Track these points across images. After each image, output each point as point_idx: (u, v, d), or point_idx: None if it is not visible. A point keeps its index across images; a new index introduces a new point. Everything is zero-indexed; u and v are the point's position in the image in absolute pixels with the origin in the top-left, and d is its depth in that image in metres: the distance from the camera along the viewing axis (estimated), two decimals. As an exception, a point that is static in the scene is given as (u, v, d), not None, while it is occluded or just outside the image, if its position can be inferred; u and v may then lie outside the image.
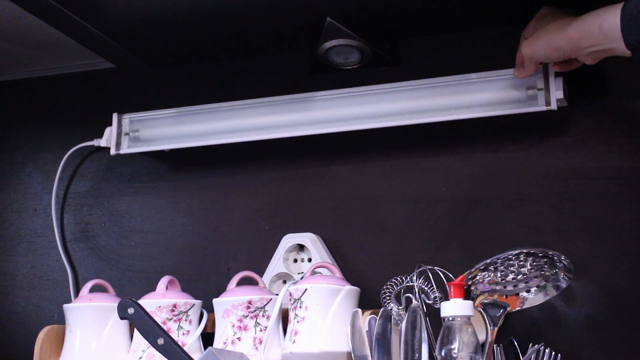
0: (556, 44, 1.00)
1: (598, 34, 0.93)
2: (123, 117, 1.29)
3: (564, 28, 0.98)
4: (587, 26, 0.94)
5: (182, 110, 1.27)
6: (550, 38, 1.00)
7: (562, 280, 1.03)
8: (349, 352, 1.03)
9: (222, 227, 1.30)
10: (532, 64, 1.07)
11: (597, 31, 0.92)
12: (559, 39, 0.99)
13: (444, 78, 1.16)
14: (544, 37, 1.01)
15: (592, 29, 0.93)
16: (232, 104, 1.25)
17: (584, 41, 0.96)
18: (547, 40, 1.01)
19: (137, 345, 1.13)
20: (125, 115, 1.29)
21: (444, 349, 0.94)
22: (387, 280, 1.04)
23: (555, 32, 1.00)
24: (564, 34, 0.98)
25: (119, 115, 1.29)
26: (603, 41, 0.93)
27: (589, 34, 0.94)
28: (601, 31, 0.92)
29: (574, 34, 0.97)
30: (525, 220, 1.16)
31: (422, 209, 1.21)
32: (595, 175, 1.14)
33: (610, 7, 0.91)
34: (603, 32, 0.92)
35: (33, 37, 1.28)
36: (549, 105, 1.10)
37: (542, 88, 1.10)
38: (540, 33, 1.03)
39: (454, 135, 1.20)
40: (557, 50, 1.00)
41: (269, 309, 1.12)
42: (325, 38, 1.18)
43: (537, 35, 1.03)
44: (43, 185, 1.41)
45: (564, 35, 0.98)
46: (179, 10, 1.13)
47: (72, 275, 1.35)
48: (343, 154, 1.26)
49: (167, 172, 1.35)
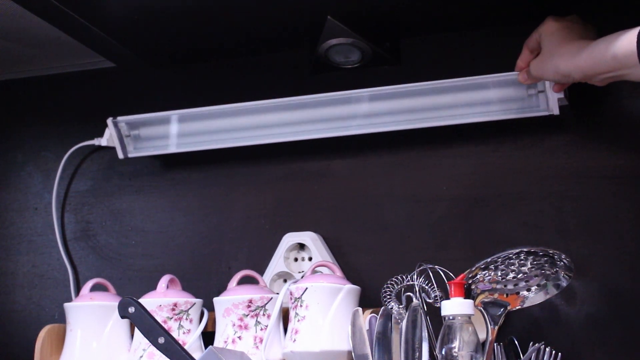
0: (565, 71, 0.98)
1: (612, 63, 0.91)
2: (118, 121, 1.28)
3: (574, 56, 0.97)
4: (599, 55, 0.92)
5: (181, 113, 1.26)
6: (558, 65, 0.99)
7: (563, 279, 1.03)
8: (349, 351, 1.03)
9: (222, 226, 1.30)
10: (538, 81, 1.07)
11: (611, 60, 0.91)
12: (569, 67, 0.98)
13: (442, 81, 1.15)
14: (553, 63, 1.00)
15: (605, 58, 0.91)
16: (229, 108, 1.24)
17: (596, 69, 0.94)
18: (555, 67, 1.00)
19: (138, 344, 1.13)
20: (119, 119, 1.28)
21: (445, 347, 0.94)
22: (387, 279, 1.04)
23: (563, 59, 0.98)
24: (573, 63, 0.97)
25: (113, 120, 1.28)
26: (617, 69, 0.91)
27: (601, 62, 0.92)
28: (615, 60, 0.90)
29: (585, 64, 0.95)
30: (525, 219, 1.16)
31: (423, 208, 1.21)
32: (596, 175, 1.14)
33: (622, 34, 0.89)
34: (617, 61, 0.90)
35: (34, 36, 1.28)
36: (551, 112, 1.10)
37: (543, 90, 1.10)
38: (548, 57, 1.01)
39: (454, 134, 1.20)
40: (566, 77, 0.99)
41: (269, 308, 1.12)
42: (326, 37, 1.18)
43: (545, 59, 1.02)
44: (44, 184, 1.41)
45: (574, 65, 0.97)
46: (179, 10, 1.13)
47: (73, 274, 1.35)
48: (344, 153, 1.26)
49: (168, 171, 1.35)
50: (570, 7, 1.14)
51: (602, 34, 0.95)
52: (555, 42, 1.01)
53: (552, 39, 1.02)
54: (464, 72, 1.19)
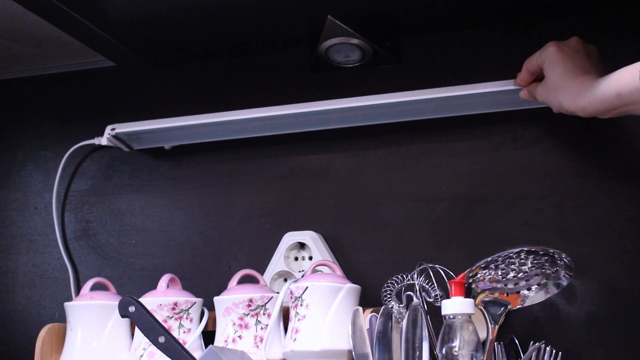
0: (569, 110, 0.98)
1: (616, 101, 0.90)
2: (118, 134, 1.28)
3: (577, 97, 0.96)
4: (603, 96, 0.92)
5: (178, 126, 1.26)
6: (562, 103, 0.99)
7: (563, 278, 1.03)
8: (349, 350, 1.03)
9: (222, 226, 1.30)
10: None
11: (615, 99, 0.90)
12: (573, 107, 0.97)
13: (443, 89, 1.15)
14: (557, 99, 0.99)
15: (609, 97, 0.91)
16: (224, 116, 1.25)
17: (601, 109, 0.93)
18: (559, 104, 0.99)
19: (138, 344, 1.13)
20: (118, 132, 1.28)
21: (445, 347, 0.94)
22: (388, 278, 1.04)
23: (567, 98, 0.98)
24: (577, 104, 0.96)
25: (111, 132, 1.28)
26: (622, 105, 0.91)
27: (605, 102, 0.92)
28: (620, 98, 0.89)
29: (589, 105, 0.94)
30: (526, 218, 1.16)
31: (423, 207, 1.21)
32: (596, 175, 1.14)
33: (623, 70, 0.89)
34: (622, 99, 0.89)
35: (34, 36, 1.28)
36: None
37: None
38: (552, 90, 1.00)
39: (455, 133, 1.21)
40: (571, 112, 0.99)
41: (269, 307, 1.12)
42: (326, 36, 1.18)
43: (549, 91, 1.01)
44: (44, 184, 1.41)
45: (578, 106, 0.96)
46: (180, 9, 1.13)
47: (73, 273, 1.35)
48: (344, 152, 1.26)
49: (168, 171, 1.35)
50: (570, 6, 1.14)
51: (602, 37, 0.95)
52: (559, 76, 1.00)
53: (555, 70, 1.00)
54: (464, 72, 1.20)
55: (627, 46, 1.14)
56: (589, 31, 1.13)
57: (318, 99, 1.21)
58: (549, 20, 1.18)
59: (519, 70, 1.11)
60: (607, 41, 1.13)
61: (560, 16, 1.17)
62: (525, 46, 1.10)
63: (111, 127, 1.28)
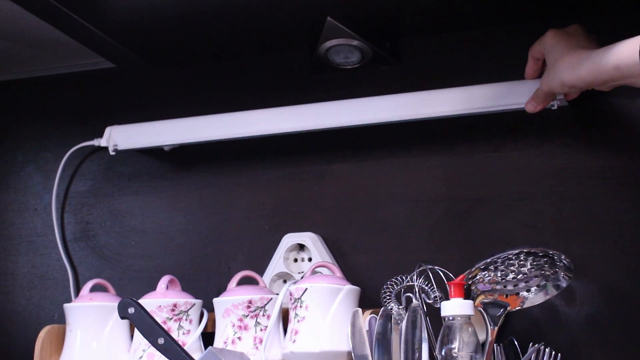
0: (569, 83, 0.99)
1: (615, 73, 0.91)
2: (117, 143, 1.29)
3: (576, 67, 0.97)
4: (602, 66, 0.92)
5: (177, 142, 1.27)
6: (562, 78, 0.99)
7: (562, 279, 1.03)
8: (349, 352, 1.03)
9: (222, 227, 1.30)
10: (549, 97, 1.07)
11: (614, 70, 0.90)
12: (572, 79, 0.98)
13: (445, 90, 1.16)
14: (557, 76, 1.00)
15: (608, 69, 0.91)
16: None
17: (599, 79, 0.94)
18: (560, 80, 1.00)
19: (138, 345, 1.13)
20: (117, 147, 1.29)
21: (444, 348, 0.94)
22: (387, 279, 1.04)
23: (566, 71, 0.99)
24: (575, 74, 0.97)
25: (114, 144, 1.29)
26: (620, 78, 0.91)
27: (603, 73, 0.92)
28: (618, 70, 0.90)
29: (587, 74, 0.95)
30: (525, 219, 1.16)
31: (423, 208, 1.21)
32: (595, 175, 1.14)
33: (623, 43, 0.89)
34: (620, 71, 0.90)
35: (33, 37, 1.28)
36: (550, 106, 1.10)
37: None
38: (552, 69, 1.02)
39: (454, 134, 1.20)
40: (572, 87, 1.00)
41: (269, 309, 1.12)
42: (326, 37, 1.18)
43: (550, 72, 1.02)
44: (43, 185, 1.41)
45: (577, 76, 0.97)
46: (179, 10, 1.13)
47: (73, 274, 1.35)
48: (343, 153, 1.26)
49: (168, 172, 1.35)
50: (570, 6, 1.14)
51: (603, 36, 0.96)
52: (558, 54, 1.01)
53: (554, 50, 1.02)
54: (464, 73, 1.20)
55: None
56: (589, 31, 1.13)
57: (318, 100, 1.21)
58: (549, 21, 1.17)
59: (519, 71, 1.12)
60: (607, 41, 1.12)
61: (560, 17, 1.17)
62: (525, 47, 1.10)
63: (114, 143, 1.28)
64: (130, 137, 1.28)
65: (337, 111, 1.19)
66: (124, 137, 1.28)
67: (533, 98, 1.09)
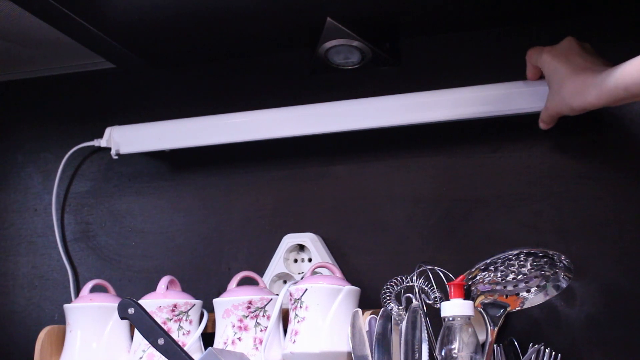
0: (579, 108, 0.99)
1: (624, 94, 0.90)
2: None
3: (583, 93, 0.96)
4: (611, 90, 0.92)
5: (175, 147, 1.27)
6: (571, 104, 0.99)
7: (562, 280, 1.03)
8: (349, 352, 1.03)
9: (222, 227, 1.30)
10: (558, 117, 1.07)
11: (623, 92, 0.90)
12: (582, 105, 0.98)
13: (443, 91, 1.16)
14: (565, 103, 1.00)
15: (617, 92, 0.91)
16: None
17: (609, 102, 0.94)
18: (569, 106, 1.00)
19: (138, 346, 1.13)
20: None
21: (444, 349, 0.94)
22: (387, 280, 1.04)
23: (574, 98, 0.98)
24: (584, 100, 0.97)
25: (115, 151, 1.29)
26: (631, 98, 0.91)
27: (612, 96, 0.92)
28: (627, 91, 0.89)
29: (597, 100, 0.95)
30: (525, 220, 1.16)
31: (423, 208, 1.21)
32: (595, 175, 1.14)
33: (628, 64, 0.88)
34: (630, 92, 0.89)
35: (33, 37, 1.28)
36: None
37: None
38: (557, 95, 1.01)
39: (454, 135, 1.20)
40: (581, 110, 1.00)
41: (269, 309, 1.12)
42: (326, 38, 1.18)
43: (555, 97, 1.02)
44: (43, 185, 1.41)
45: (586, 102, 0.97)
46: (179, 10, 1.13)
47: (73, 275, 1.35)
48: (343, 154, 1.26)
49: (168, 172, 1.35)
50: (569, 7, 1.14)
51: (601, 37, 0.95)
52: (561, 78, 1.01)
53: (556, 75, 1.01)
54: (464, 74, 1.20)
55: (626, 46, 1.14)
56: (588, 32, 1.14)
57: (317, 100, 1.21)
58: (549, 21, 1.18)
59: (518, 72, 1.12)
60: (606, 41, 1.13)
61: (560, 17, 1.17)
62: (524, 47, 1.10)
63: (116, 148, 1.28)
64: (132, 140, 1.28)
65: (338, 115, 1.19)
66: (125, 139, 1.28)
67: (542, 119, 1.09)
